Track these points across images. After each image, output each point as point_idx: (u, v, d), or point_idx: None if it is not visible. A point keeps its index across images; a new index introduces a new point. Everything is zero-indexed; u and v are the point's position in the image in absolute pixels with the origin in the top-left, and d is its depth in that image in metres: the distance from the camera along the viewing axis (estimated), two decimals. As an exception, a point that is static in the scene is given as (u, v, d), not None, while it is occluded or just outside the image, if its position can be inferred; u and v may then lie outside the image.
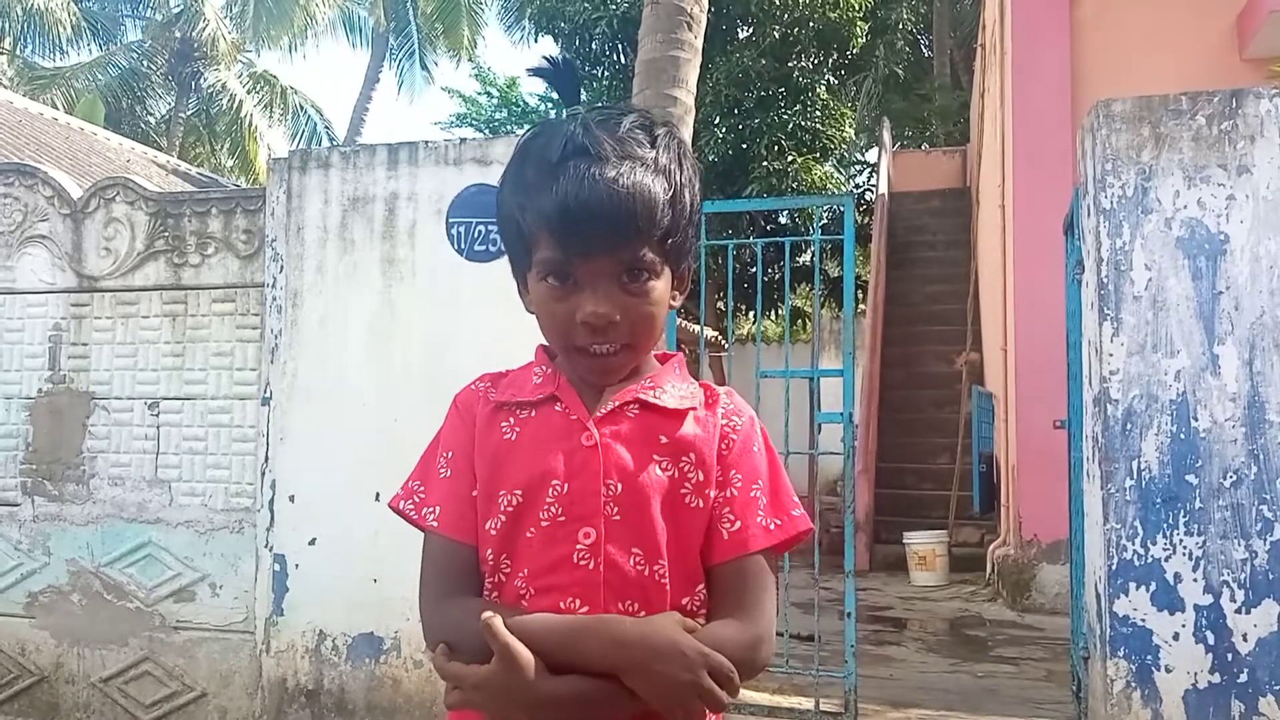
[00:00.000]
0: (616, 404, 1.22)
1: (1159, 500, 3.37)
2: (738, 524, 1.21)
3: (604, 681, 1.09)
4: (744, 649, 1.16)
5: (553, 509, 1.18)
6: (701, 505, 1.20)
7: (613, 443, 1.19)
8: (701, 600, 1.21)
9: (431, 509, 1.24)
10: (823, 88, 15.07)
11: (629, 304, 1.18)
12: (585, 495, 1.18)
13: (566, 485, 1.18)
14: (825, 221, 13.56)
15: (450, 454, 1.26)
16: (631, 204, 1.14)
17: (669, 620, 1.14)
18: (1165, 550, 3.35)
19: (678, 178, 1.20)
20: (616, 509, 1.17)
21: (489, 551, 1.21)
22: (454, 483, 1.24)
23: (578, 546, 1.17)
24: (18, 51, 20.50)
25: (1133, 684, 3.35)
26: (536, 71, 1.30)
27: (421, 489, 1.26)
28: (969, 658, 6.23)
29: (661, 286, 1.21)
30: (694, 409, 1.25)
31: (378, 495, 3.87)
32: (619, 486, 1.18)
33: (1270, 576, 3.26)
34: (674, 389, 1.25)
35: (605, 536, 1.17)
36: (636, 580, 1.17)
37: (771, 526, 1.22)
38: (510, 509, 1.19)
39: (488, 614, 1.09)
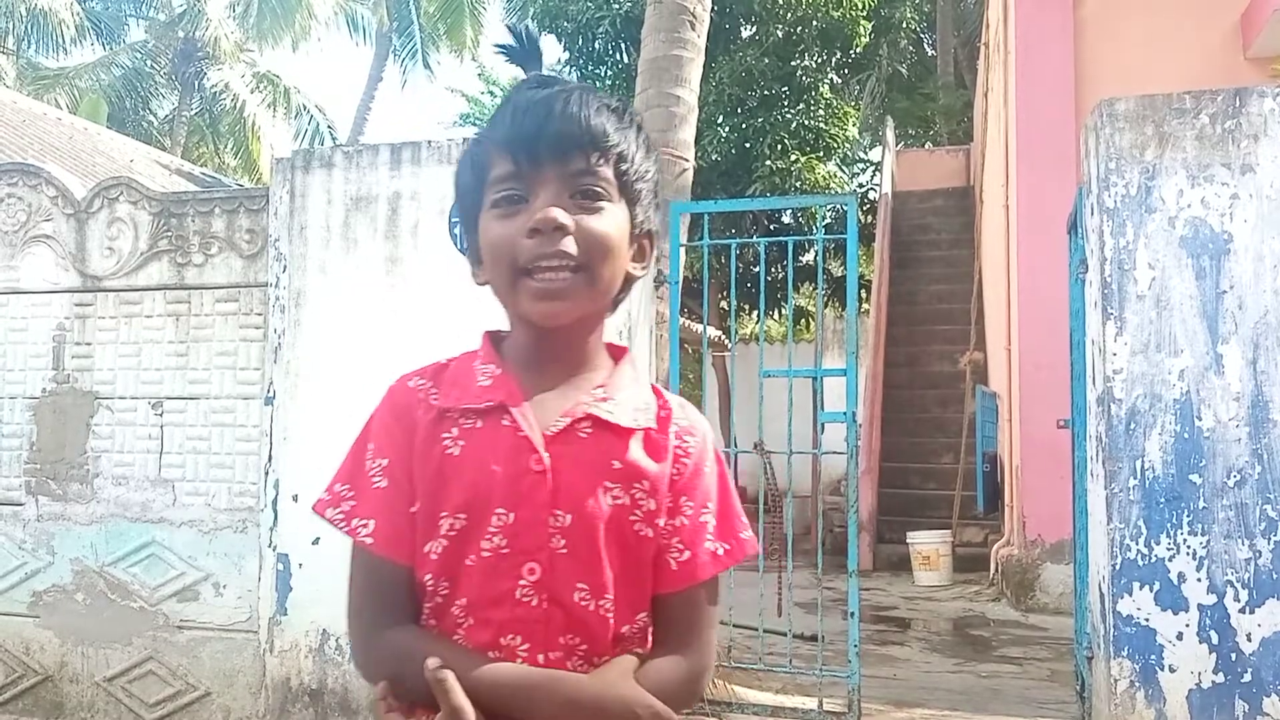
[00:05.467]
0: (568, 421, 1.15)
1: (1163, 500, 3.37)
2: (686, 554, 1.17)
3: None
4: (687, 685, 1.16)
5: (496, 539, 1.11)
6: (650, 534, 1.16)
7: (562, 468, 1.13)
8: (641, 626, 1.18)
9: (364, 522, 1.15)
10: (826, 87, 15.06)
11: (581, 217, 1.13)
12: (532, 526, 1.11)
13: (512, 514, 1.11)
14: (829, 221, 13.55)
15: (386, 461, 1.17)
16: (582, 111, 1.14)
17: (619, 672, 1.12)
18: (1169, 550, 3.35)
19: (632, 133, 1.18)
20: (564, 541, 1.12)
21: (428, 576, 1.14)
22: (391, 495, 1.15)
23: (521, 582, 1.11)
24: (21, 51, 20.52)
25: (1136, 684, 3.35)
26: (501, 48, 1.27)
27: (350, 495, 1.17)
28: (973, 657, 6.23)
29: (617, 213, 1.16)
30: (649, 429, 1.19)
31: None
32: (568, 518, 1.12)
33: (1274, 576, 3.26)
34: (627, 399, 1.19)
35: (550, 571, 1.12)
36: (580, 617, 1.12)
37: (720, 551, 1.19)
38: (452, 534, 1.13)
39: (435, 663, 1.05)
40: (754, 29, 14.89)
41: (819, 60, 15.15)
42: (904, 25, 18.16)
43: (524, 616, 1.11)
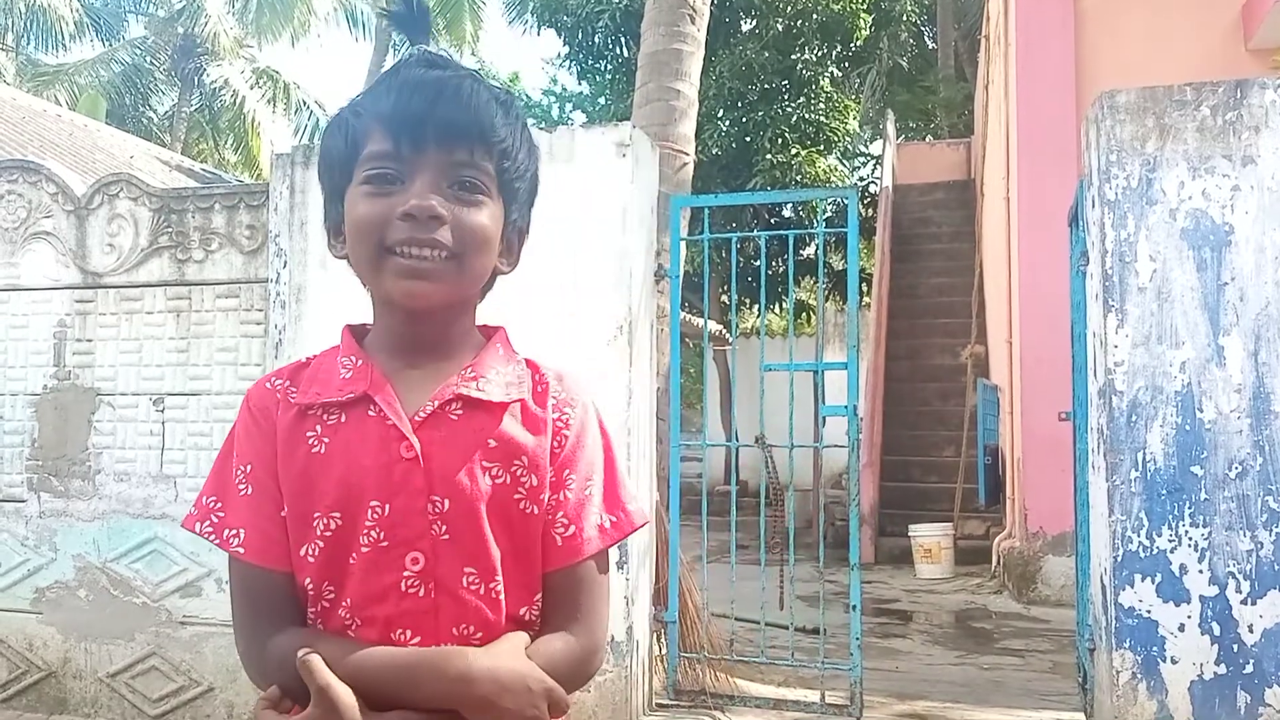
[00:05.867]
0: (437, 404, 1.11)
1: (1164, 492, 3.37)
2: (571, 529, 1.14)
3: (432, 716, 1.04)
4: (579, 664, 1.13)
5: (374, 533, 1.08)
6: (536, 511, 1.13)
7: (435, 452, 1.09)
8: (540, 608, 1.16)
9: (235, 532, 1.11)
10: (826, 80, 15.07)
11: (458, 209, 1.10)
12: (409, 515, 1.08)
13: (387, 506, 1.08)
14: (829, 214, 13.54)
15: (249, 467, 1.13)
16: (473, 101, 1.11)
17: (511, 647, 1.09)
18: (1171, 542, 3.35)
19: (518, 129, 1.16)
20: (445, 527, 1.09)
21: (308, 580, 1.10)
22: (257, 501, 1.12)
23: (405, 574, 1.08)
24: (20, 48, 20.51)
25: (1139, 675, 3.35)
26: (387, 14, 1.24)
27: (219, 506, 1.13)
28: (975, 650, 6.23)
29: (493, 209, 1.13)
30: (523, 400, 1.16)
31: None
32: (446, 503, 1.09)
33: (1276, 567, 3.26)
34: (498, 375, 1.16)
35: (434, 559, 1.08)
36: (471, 604, 1.09)
37: (607, 524, 1.16)
38: (328, 534, 1.09)
39: (304, 651, 1.02)
40: (754, 23, 14.89)
41: (819, 54, 15.16)
42: (904, 18, 18.16)
43: (411, 609, 1.08)
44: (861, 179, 19.75)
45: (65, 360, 4.55)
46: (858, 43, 15.79)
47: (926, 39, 21.27)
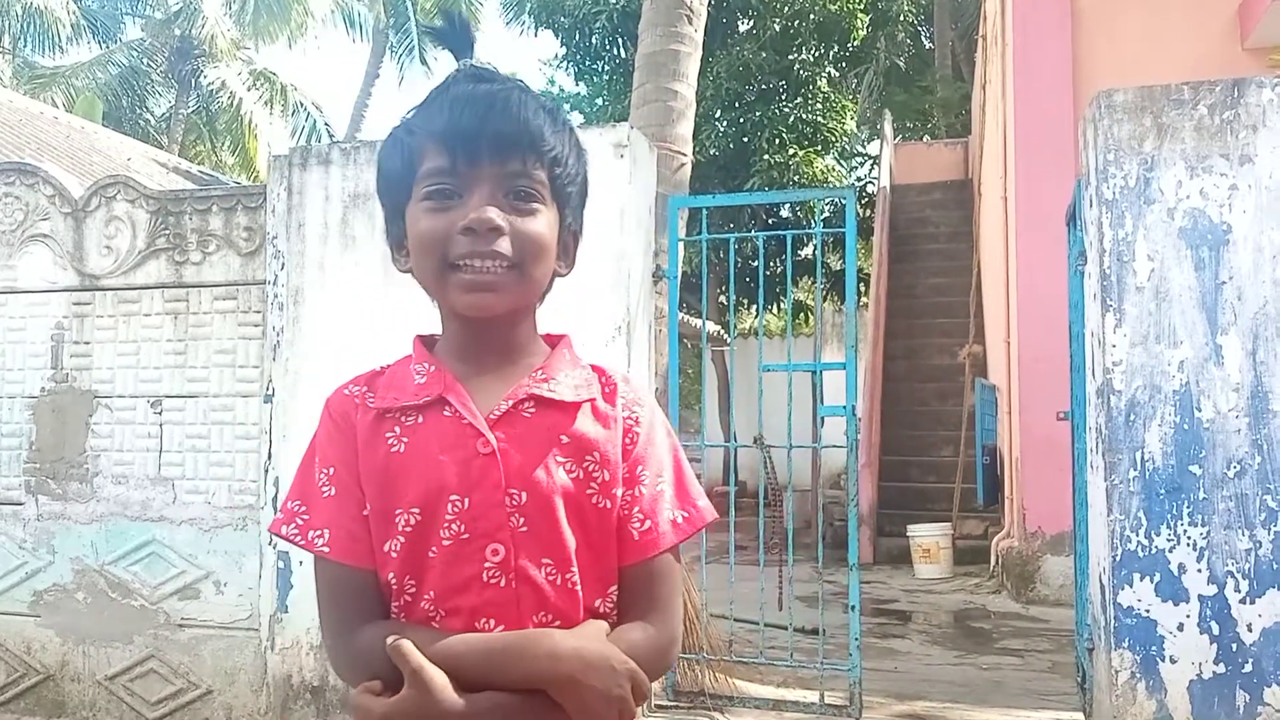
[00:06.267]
0: (510, 403, 1.16)
1: (1163, 491, 3.37)
2: (647, 524, 1.18)
3: (522, 696, 1.07)
4: (658, 654, 1.16)
5: (455, 526, 1.12)
6: (609, 506, 1.17)
7: (511, 448, 1.14)
8: (614, 601, 1.19)
9: (319, 533, 1.16)
10: (824, 80, 15.07)
11: (515, 219, 1.15)
12: (488, 508, 1.12)
13: (467, 500, 1.12)
14: (827, 214, 13.56)
15: (332, 470, 1.18)
16: (522, 113, 1.15)
17: (595, 631, 1.13)
18: (1169, 541, 3.35)
19: (566, 135, 1.20)
20: (523, 520, 1.13)
21: (390, 575, 1.14)
22: (340, 502, 1.16)
23: (486, 565, 1.12)
24: (17, 50, 20.49)
25: (1138, 675, 3.35)
26: (430, 30, 1.30)
27: (304, 510, 1.18)
28: (974, 650, 6.23)
29: (549, 218, 1.18)
30: (593, 400, 1.20)
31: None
32: (523, 496, 1.13)
33: (1275, 566, 3.26)
34: (567, 378, 1.21)
35: (514, 551, 1.12)
36: (550, 593, 1.13)
37: (680, 519, 1.20)
38: (409, 529, 1.13)
39: (394, 637, 1.06)
40: (751, 23, 14.90)
41: (816, 54, 15.15)
42: (901, 18, 18.16)
43: (494, 599, 1.12)
44: (859, 179, 19.73)
45: (63, 363, 4.54)
46: (855, 43, 15.79)
47: (923, 39, 21.28)
